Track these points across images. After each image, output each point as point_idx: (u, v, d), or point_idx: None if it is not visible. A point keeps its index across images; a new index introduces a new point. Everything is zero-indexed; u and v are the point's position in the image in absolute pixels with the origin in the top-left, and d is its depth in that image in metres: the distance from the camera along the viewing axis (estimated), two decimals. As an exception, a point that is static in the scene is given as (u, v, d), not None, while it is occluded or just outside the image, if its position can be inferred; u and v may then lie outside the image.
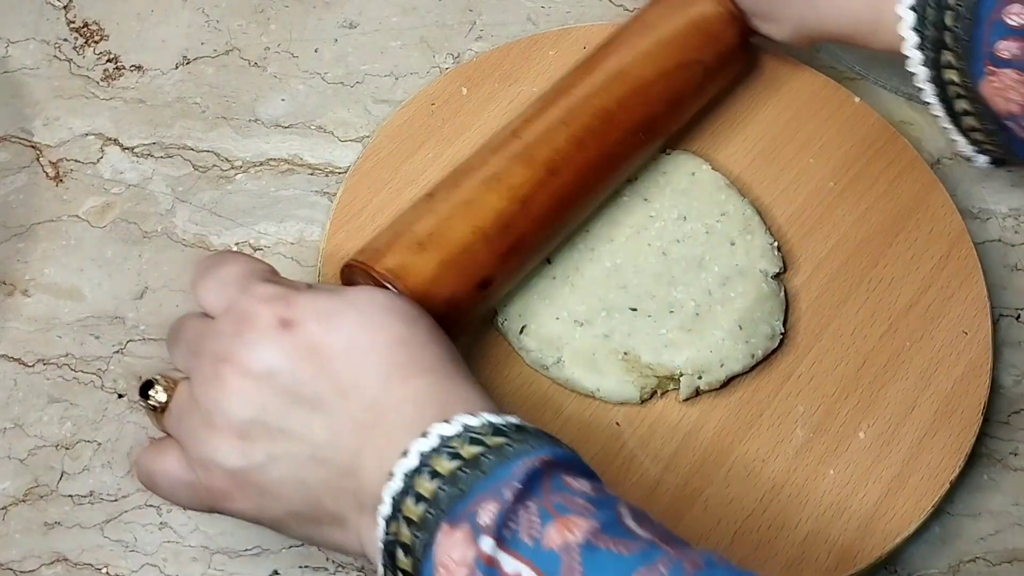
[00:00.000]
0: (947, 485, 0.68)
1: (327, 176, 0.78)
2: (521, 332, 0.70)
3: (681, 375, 0.69)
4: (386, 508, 0.52)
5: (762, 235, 0.74)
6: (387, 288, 0.63)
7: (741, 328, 0.70)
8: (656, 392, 0.69)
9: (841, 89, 0.80)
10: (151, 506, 0.68)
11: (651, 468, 0.67)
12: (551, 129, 0.70)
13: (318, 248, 0.75)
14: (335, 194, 0.77)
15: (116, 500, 0.68)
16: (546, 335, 0.70)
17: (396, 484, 0.52)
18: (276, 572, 0.67)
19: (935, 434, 0.69)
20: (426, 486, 0.51)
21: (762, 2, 0.74)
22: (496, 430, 0.53)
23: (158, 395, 0.58)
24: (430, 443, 0.52)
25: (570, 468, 0.53)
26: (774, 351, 0.71)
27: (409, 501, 0.51)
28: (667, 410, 0.69)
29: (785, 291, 0.73)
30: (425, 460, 0.52)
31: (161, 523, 0.67)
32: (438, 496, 0.51)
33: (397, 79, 0.82)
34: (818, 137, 0.78)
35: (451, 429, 0.53)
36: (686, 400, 0.69)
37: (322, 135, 0.80)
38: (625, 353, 0.69)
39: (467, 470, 0.51)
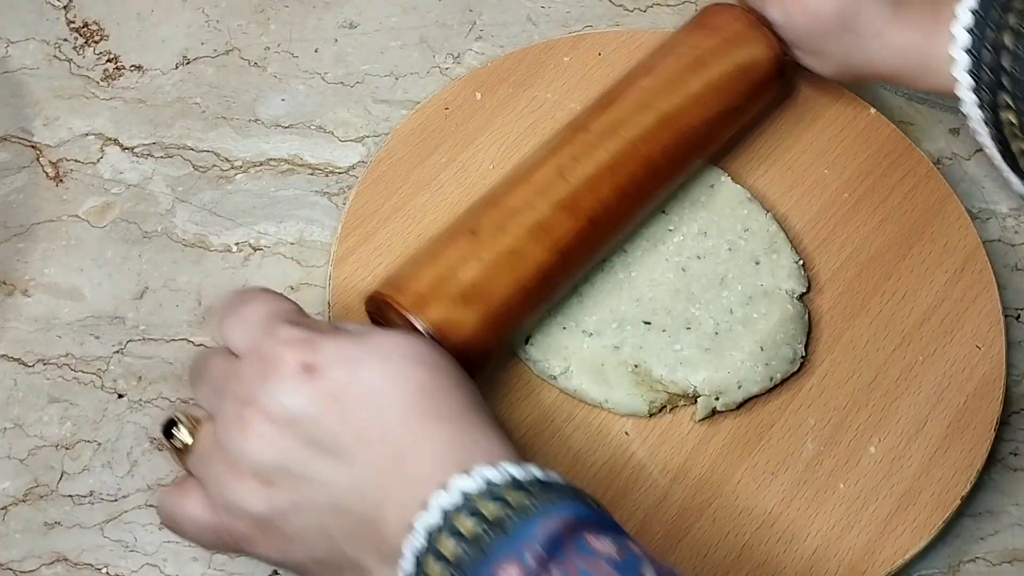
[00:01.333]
0: (958, 501, 0.70)
1: (327, 176, 0.81)
2: (526, 343, 0.72)
3: (697, 395, 0.71)
4: (408, 564, 0.53)
5: (788, 253, 0.76)
6: (413, 327, 0.66)
7: (763, 350, 0.72)
8: (665, 407, 0.72)
9: (856, 100, 0.82)
10: (151, 506, 0.70)
11: (659, 479, 0.70)
12: (598, 177, 0.71)
13: (320, 249, 0.78)
14: (335, 194, 0.80)
15: (116, 500, 0.70)
16: (552, 345, 0.72)
17: (418, 541, 0.53)
18: (276, 572, 0.69)
19: (947, 450, 0.71)
20: (448, 547, 0.52)
21: (807, 38, 0.76)
22: (517, 484, 0.54)
23: (182, 435, 0.59)
24: (451, 499, 0.53)
25: (594, 526, 0.54)
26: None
27: (431, 559, 0.53)
28: (677, 421, 0.72)
29: (809, 313, 0.75)
30: (447, 517, 0.53)
31: (161, 523, 0.69)
32: (460, 559, 0.52)
33: (397, 79, 0.85)
34: (833, 147, 0.81)
35: (472, 484, 0.54)
36: (702, 420, 0.72)
37: (322, 135, 0.83)
38: (635, 366, 0.71)
39: (489, 532, 0.52)
